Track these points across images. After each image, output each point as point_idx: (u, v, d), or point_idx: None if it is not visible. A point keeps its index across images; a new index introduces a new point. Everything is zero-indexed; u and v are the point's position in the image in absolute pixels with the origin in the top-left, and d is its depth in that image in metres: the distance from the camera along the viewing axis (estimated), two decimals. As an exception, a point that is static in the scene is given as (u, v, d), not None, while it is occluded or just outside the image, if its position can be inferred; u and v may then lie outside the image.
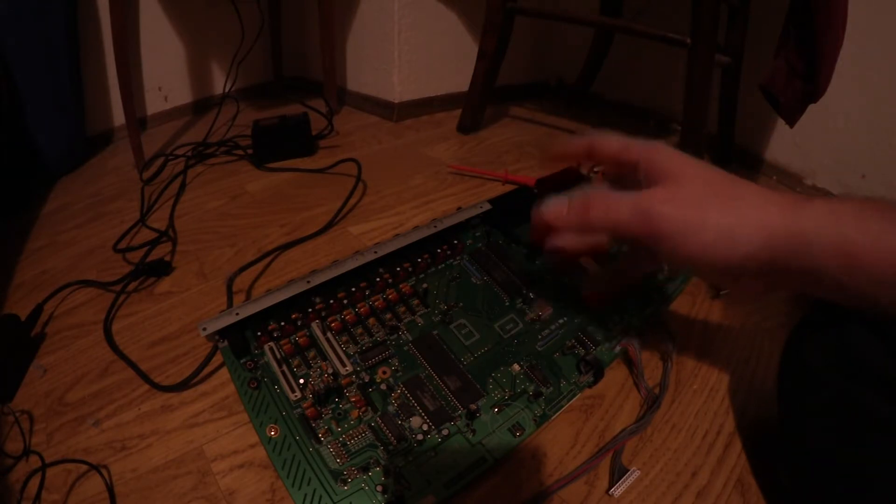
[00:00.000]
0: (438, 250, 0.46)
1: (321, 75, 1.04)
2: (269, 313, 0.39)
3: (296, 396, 0.35)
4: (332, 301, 0.41)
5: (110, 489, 0.35)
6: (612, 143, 0.35)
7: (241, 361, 0.37)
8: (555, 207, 0.34)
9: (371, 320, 0.41)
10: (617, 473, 0.35)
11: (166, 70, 1.02)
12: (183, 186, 0.75)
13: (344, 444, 0.34)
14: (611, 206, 0.31)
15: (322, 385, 0.36)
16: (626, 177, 0.34)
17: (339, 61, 1.08)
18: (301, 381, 0.36)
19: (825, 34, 0.54)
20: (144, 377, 0.43)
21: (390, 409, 0.36)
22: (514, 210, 0.51)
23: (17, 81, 0.73)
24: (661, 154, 0.31)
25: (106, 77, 0.93)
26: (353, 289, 0.41)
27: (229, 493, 0.35)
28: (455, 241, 0.47)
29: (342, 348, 0.38)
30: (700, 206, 0.28)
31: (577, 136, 0.37)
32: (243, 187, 0.76)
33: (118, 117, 0.95)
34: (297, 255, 0.60)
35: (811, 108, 0.60)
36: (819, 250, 0.25)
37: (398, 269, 0.43)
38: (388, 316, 0.42)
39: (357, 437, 0.34)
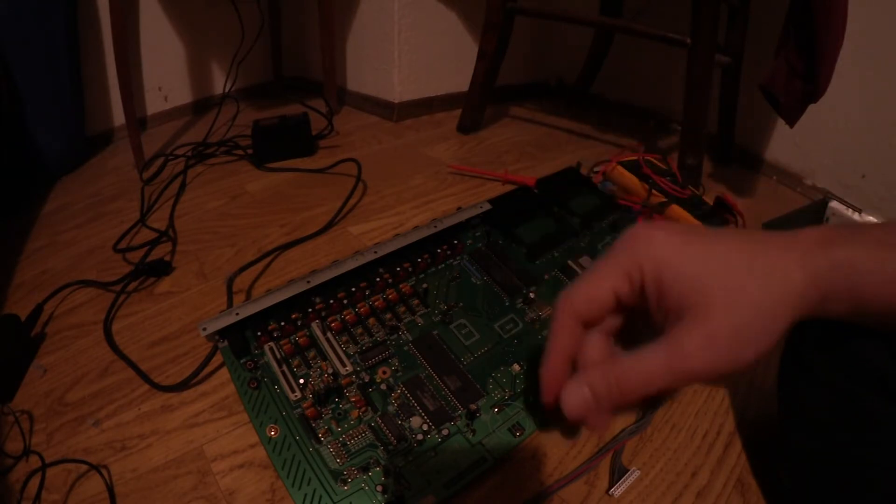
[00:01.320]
0: (438, 250, 0.46)
1: (321, 75, 1.04)
2: (269, 313, 0.39)
3: (296, 396, 0.35)
4: (332, 301, 0.41)
5: (110, 489, 0.35)
6: (594, 288, 0.26)
7: (241, 361, 0.37)
8: (578, 402, 0.25)
9: (371, 320, 0.41)
10: (617, 473, 0.35)
11: (166, 70, 1.02)
12: (183, 186, 0.75)
13: (344, 444, 0.34)
14: (643, 379, 0.24)
15: (322, 385, 0.36)
16: (635, 319, 0.27)
17: (339, 61, 1.08)
18: (301, 381, 0.36)
19: (825, 34, 0.54)
20: (144, 377, 0.43)
21: (390, 409, 0.36)
22: (514, 210, 0.51)
23: (17, 81, 0.73)
24: (668, 270, 0.24)
25: (106, 77, 0.93)
26: (353, 289, 0.41)
27: (229, 493, 0.35)
28: (455, 241, 0.47)
29: (342, 348, 0.38)
30: (738, 340, 0.23)
31: (550, 332, 0.26)
32: (243, 187, 0.76)
33: (118, 117, 0.95)
34: (297, 255, 0.60)
35: (811, 108, 0.59)
36: (835, 304, 0.24)
37: (398, 269, 0.43)
38: (388, 316, 0.42)
39: (357, 437, 0.34)
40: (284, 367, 0.37)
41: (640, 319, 0.26)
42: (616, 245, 0.26)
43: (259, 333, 0.38)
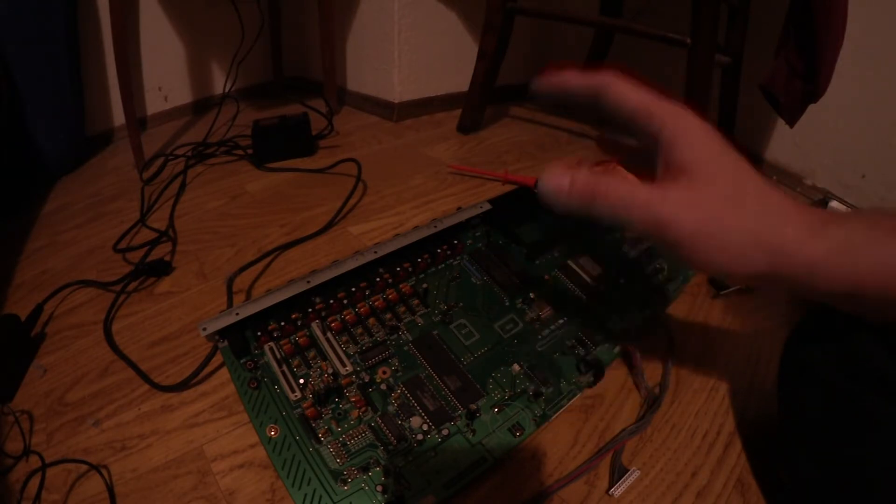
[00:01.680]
0: (438, 250, 0.46)
1: (321, 75, 1.04)
2: (269, 313, 0.39)
3: (296, 396, 0.35)
4: (332, 301, 0.41)
5: (110, 489, 0.35)
6: (631, 94, 0.28)
7: (241, 361, 0.37)
8: (555, 181, 0.29)
9: (371, 320, 0.41)
10: (617, 473, 0.35)
11: (166, 70, 1.02)
12: (183, 186, 0.75)
13: (344, 444, 0.34)
14: (619, 200, 0.27)
15: (322, 385, 0.36)
16: (637, 139, 0.30)
17: (339, 61, 1.08)
18: (301, 381, 0.36)
19: (825, 34, 0.54)
20: (144, 377, 0.43)
21: (390, 409, 0.36)
22: (514, 210, 0.51)
23: (17, 81, 0.73)
24: (689, 134, 0.26)
25: (106, 77, 0.93)
26: (353, 289, 0.41)
27: (229, 493, 0.35)
28: (455, 241, 0.47)
29: (342, 348, 0.38)
30: (720, 218, 0.25)
31: (588, 70, 0.30)
32: (243, 187, 0.76)
33: (118, 117, 0.95)
34: (297, 255, 0.60)
35: (811, 108, 0.60)
36: (824, 280, 0.24)
37: (398, 269, 0.43)
38: (388, 316, 0.42)
39: (357, 437, 0.34)
40: (284, 367, 0.37)
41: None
42: (666, 100, 0.28)
43: (259, 333, 0.38)
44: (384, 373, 0.38)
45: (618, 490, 0.34)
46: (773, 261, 0.25)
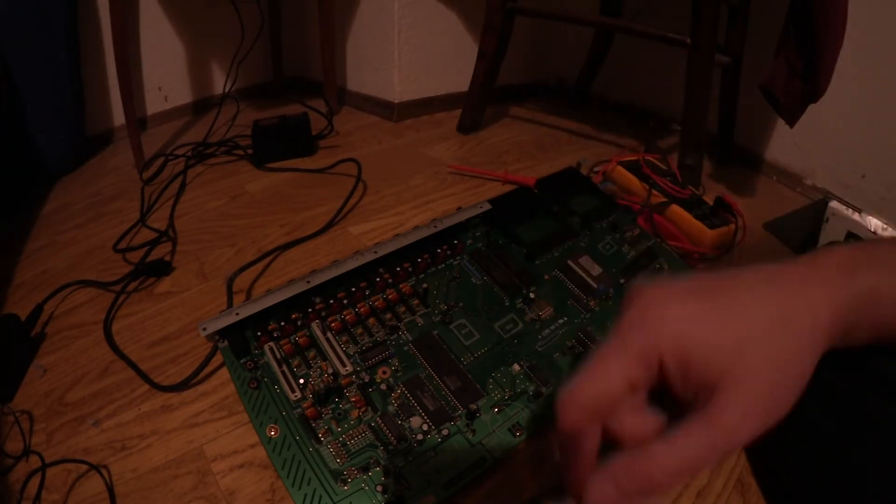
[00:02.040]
0: (438, 250, 0.46)
1: (321, 75, 1.04)
2: (269, 313, 0.39)
3: (296, 396, 0.35)
4: (332, 301, 0.41)
5: (110, 489, 0.35)
6: (607, 385, 0.23)
7: (241, 361, 0.37)
8: (601, 494, 0.22)
9: (371, 320, 0.41)
10: (617, 473, 0.35)
11: (166, 70, 1.02)
12: (183, 186, 0.75)
13: (344, 444, 0.34)
14: (681, 465, 0.21)
15: (322, 385, 0.36)
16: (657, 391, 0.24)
17: (339, 61, 1.08)
18: (301, 381, 0.36)
19: (825, 34, 0.54)
20: (144, 377, 0.43)
21: (390, 409, 0.36)
22: (514, 210, 0.51)
23: (17, 81, 0.73)
24: (689, 346, 0.22)
25: (106, 77, 0.93)
26: (353, 289, 0.41)
27: (229, 493, 0.35)
28: (455, 241, 0.47)
29: (342, 348, 0.38)
30: (775, 398, 0.22)
31: (560, 416, 0.23)
32: (243, 187, 0.76)
33: (118, 117, 0.95)
34: (297, 255, 0.60)
35: (811, 108, 0.59)
36: (857, 336, 0.24)
37: (398, 269, 0.43)
38: (388, 316, 0.42)
39: (357, 437, 0.34)
40: (284, 367, 0.37)
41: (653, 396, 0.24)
42: (622, 325, 0.23)
43: (259, 333, 0.38)
44: (384, 373, 0.38)
45: (618, 490, 0.34)
46: (821, 352, 0.23)
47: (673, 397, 0.23)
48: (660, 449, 0.21)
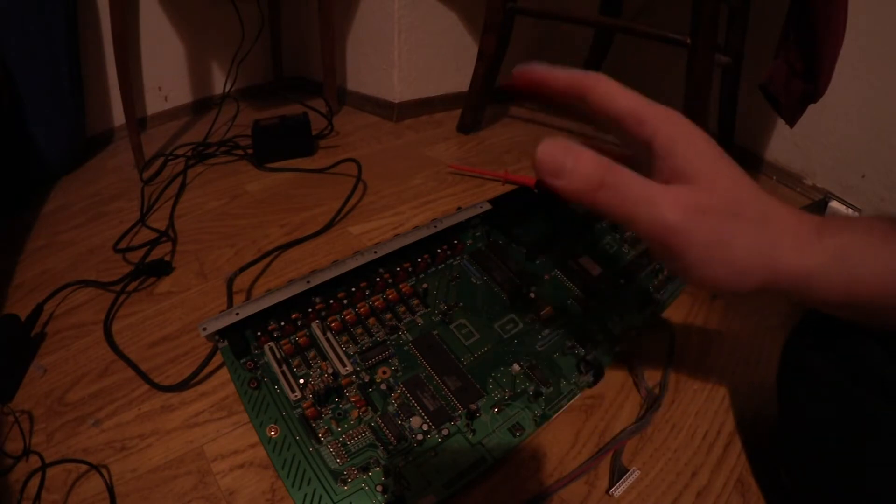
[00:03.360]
0: (438, 250, 0.46)
1: (321, 75, 1.04)
2: (269, 313, 0.39)
3: (296, 396, 0.35)
4: (332, 301, 0.41)
5: (110, 489, 0.35)
6: (620, 96, 0.26)
7: (241, 361, 0.37)
8: (557, 158, 0.25)
9: (371, 320, 0.41)
10: (617, 473, 0.35)
11: (166, 70, 1.02)
12: (183, 186, 0.75)
13: (344, 444, 0.34)
14: (629, 193, 0.24)
15: (322, 385, 0.36)
16: (626, 145, 0.28)
17: (339, 61, 1.08)
18: (301, 381, 0.36)
19: (825, 34, 0.54)
20: (144, 377, 0.43)
21: (390, 409, 0.36)
22: (514, 210, 0.51)
23: (17, 81, 0.73)
24: (684, 140, 0.25)
25: (106, 77, 0.93)
26: (353, 289, 0.41)
27: (229, 493, 0.35)
28: (455, 241, 0.47)
29: (342, 348, 0.38)
30: (727, 232, 0.24)
31: (574, 70, 0.28)
32: (243, 187, 0.76)
33: (118, 117, 0.95)
34: (297, 255, 0.60)
35: (811, 108, 0.59)
36: (819, 290, 0.24)
37: (398, 269, 0.43)
38: (388, 316, 0.42)
39: (357, 437, 0.34)
40: (284, 367, 0.37)
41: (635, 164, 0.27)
42: (655, 104, 0.27)
43: (259, 333, 0.38)
44: (384, 373, 0.38)
45: (618, 490, 0.34)
46: (771, 274, 0.24)
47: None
48: (629, 172, 0.24)
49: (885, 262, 0.23)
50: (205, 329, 0.37)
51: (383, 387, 0.37)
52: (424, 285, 0.44)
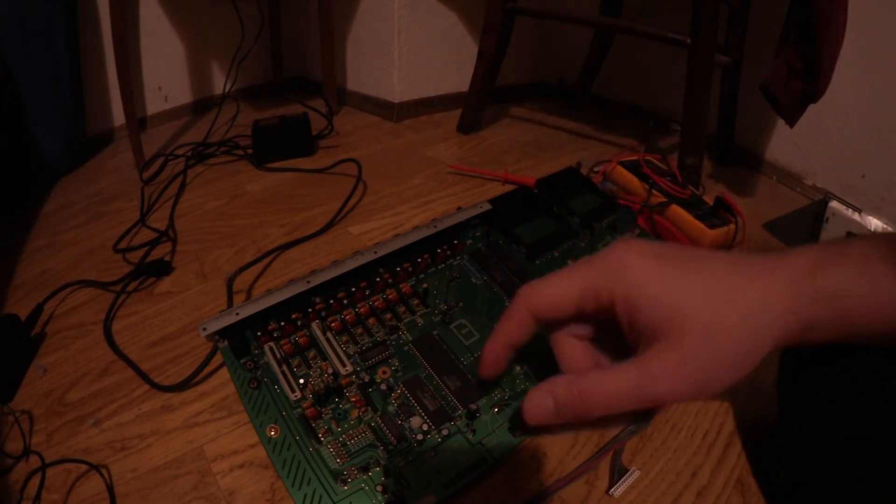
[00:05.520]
0: (438, 250, 0.46)
1: (321, 75, 1.04)
2: (269, 313, 0.39)
3: (296, 396, 0.35)
4: (332, 301, 0.41)
5: (110, 489, 0.35)
6: (557, 294, 0.26)
7: (241, 361, 0.37)
8: (539, 410, 0.26)
9: (371, 320, 0.41)
10: (617, 473, 0.35)
11: (166, 70, 1.02)
12: (183, 186, 0.75)
13: (344, 444, 0.34)
14: (608, 397, 0.24)
15: (322, 385, 0.36)
16: (600, 329, 0.27)
17: (339, 61, 1.08)
18: (301, 381, 0.36)
19: (825, 34, 0.54)
20: (144, 377, 0.43)
21: (390, 409, 0.36)
22: (514, 210, 0.51)
23: (18, 81, 0.73)
24: (637, 293, 0.24)
25: (106, 77, 0.93)
26: (353, 289, 0.41)
27: (229, 493, 0.35)
28: (455, 241, 0.47)
29: (342, 348, 0.38)
30: (709, 367, 0.23)
31: (503, 317, 0.27)
32: (243, 187, 0.76)
33: (118, 117, 0.95)
34: (297, 255, 0.60)
35: (811, 108, 0.59)
36: (820, 334, 0.24)
37: (398, 269, 0.43)
38: (388, 316, 0.42)
39: (357, 437, 0.34)
40: (284, 367, 0.37)
41: (609, 334, 0.26)
42: (594, 259, 0.26)
43: (259, 333, 0.38)
44: (384, 373, 0.38)
45: (618, 490, 0.34)
46: (772, 342, 0.23)
47: (623, 341, 0.25)
48: (594, 377, 0.24)
49: (879, 293, 0.22)
50: (205, 329, 0.37)
51: (383, 387, 0.37)
52: (424, 285, 0.44)
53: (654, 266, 0.24)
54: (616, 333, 0.26)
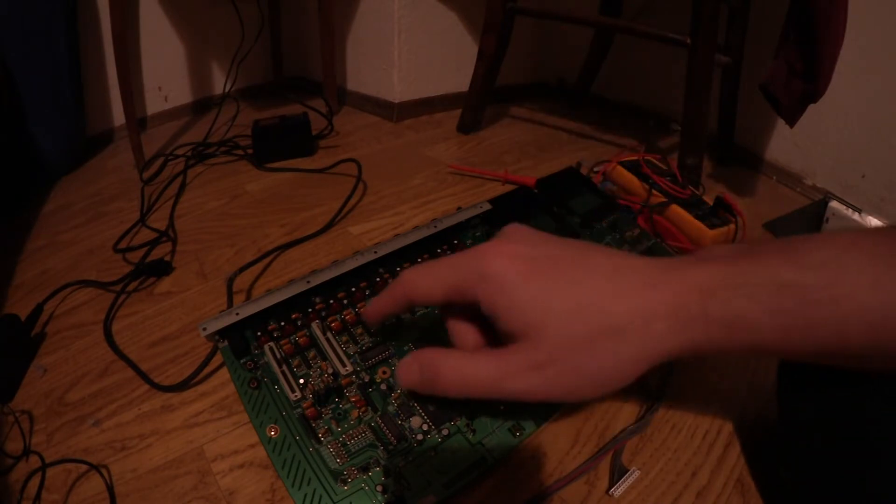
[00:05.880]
0: (438, 250, 0.46)
1: (321, 75, 1.04)
2: (269, 313, 0.39)
3: (296, 396, 0.35)
4: (332, 301, 0.41)
5: (110, 489, 0.35)
6: (433, 288, 0.28)
7: (241, 361, 0.37)
8: (406, 378, 0.31)
9: (371, 320, 0.41)
10: (617, 473, 0.35)
11: (166, 70, 1.02)
12: (183, 186, 0.75)
13: (344, 444, 0.34)
14: (465, 381, 0.25)
15: (322, 385, 0.36)
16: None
17: (339, 61, 1.08)
18: (301, 381, 0.36)
19: (825, 34, 0.54)
20: (144, 377, 0.43)
21: (390, 409, 0.36)
22: (514, 210, 0.51)
23: (18, 81, 0.73)
24: (501, 298, 0.24)
25: (106, 77, 0.93)
26: (353, 289, 0.41)
27: (229, 493, 0.35)
28: (455, 241, 0.47)
29: (342, 348, 0.38)
30: (574, 376, 0.23)
31: (386, 290, 0.31)
32: (243, 187, 0.76)
33: (118, 117, 0.95)
34: (297, 255, 0.60)
35: (811, 108, 0.59)
36: (723, 349, 0.24)
37: (398, 269, 0.43)
38: (388, 316, 0.42)
39: (357, 437, 0.34)
40: (284, 367, 0.37)
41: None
42: (462, 258, 0.26)
43: (259, 333, 0.38)
44: (384, 373, 0.38)
45: (618, 490, 0.34)
46: (647, 361, 0.23)
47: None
48: (455, 360, 0.26)
49: (792, 330, 0.22)
50: (205, 329, 0.37)
51: (383, 387, 0.37)
52: (424, 285, 0.44)
53: (522, 271, 0.24)
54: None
